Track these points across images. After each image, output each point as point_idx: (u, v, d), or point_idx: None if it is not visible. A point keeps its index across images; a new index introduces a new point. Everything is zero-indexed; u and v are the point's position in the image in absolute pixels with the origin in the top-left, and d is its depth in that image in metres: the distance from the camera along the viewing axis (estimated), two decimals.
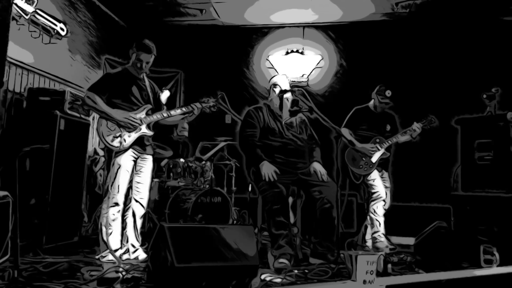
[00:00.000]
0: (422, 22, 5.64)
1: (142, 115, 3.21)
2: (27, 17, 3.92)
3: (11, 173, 3.29)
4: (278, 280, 2.76)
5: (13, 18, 3.69)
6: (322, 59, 6.04)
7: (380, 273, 2.90)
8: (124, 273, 2.65)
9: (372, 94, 4.14)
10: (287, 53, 6.06)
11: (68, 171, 3.71)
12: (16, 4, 3.71)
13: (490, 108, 4.24)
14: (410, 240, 3.95)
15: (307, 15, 5.80)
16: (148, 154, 3.32)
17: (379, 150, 3.99)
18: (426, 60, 5.61)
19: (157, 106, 3.37)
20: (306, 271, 2.90)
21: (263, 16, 5.85)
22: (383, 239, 3.91)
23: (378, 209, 3.92)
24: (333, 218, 3.32)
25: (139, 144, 3.23)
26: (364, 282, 2.59)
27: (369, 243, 4.01)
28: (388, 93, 4.00)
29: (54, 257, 3.19)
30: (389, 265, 3.02)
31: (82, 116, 3.88)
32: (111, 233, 3.07)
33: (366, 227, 4.08)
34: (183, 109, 3.36)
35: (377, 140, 4.02)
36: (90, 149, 4.30)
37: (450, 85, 5.45)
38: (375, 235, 3.93)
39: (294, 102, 3.65)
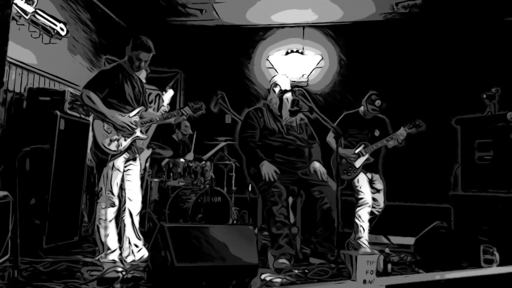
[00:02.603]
0: (422, 22, 5.64)
1: (136, 117, 3.19)
2: (27, 17, 3.92)
3: (11, 173, 3.31)
4: (278, 280, 2.76)
5: (13, 18, 3.68)
6: (322, 59, 6.03)
7: (380, 273, 2.91)
8: (124, 273, 2.65)
9: (362, 101, 4.10)
10: (287, 53, 6.06)
11: (68, 171, 3.71)
12: (16, 4, 3.71)
13: (490, 108, 4.23)
14: (410, 240, 3.94)
15: (307, 15, 5.79)
16: (137, 155, 3.33)
17: (363, 155, 3.96)
18: (427, 60, 5.60)
19: (145, 105, 3.36)
20: (306, 271, 2.90)
21: (263, 16, 5.84)
22: (366, 245, 3.86)
23: (363, 215, 3.87)
24: (333, 217, 3.32)
25: (131, 146, 3.21)
26: (364, 282, 2.60)
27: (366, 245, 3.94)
28: (378, 103, 3.98)
29: (54, 257, 3.19)
30: (389, 265, 3.02)
31: (82, 116, 3.88)
32: (108, 234, 3.07)
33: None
34: (174, 113, 3.35)
35: (362, 146, 3.99)
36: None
37: (450, 85, 5.45)
38: (359, 240, 3.88)
39: (294, 102, 3.64)
